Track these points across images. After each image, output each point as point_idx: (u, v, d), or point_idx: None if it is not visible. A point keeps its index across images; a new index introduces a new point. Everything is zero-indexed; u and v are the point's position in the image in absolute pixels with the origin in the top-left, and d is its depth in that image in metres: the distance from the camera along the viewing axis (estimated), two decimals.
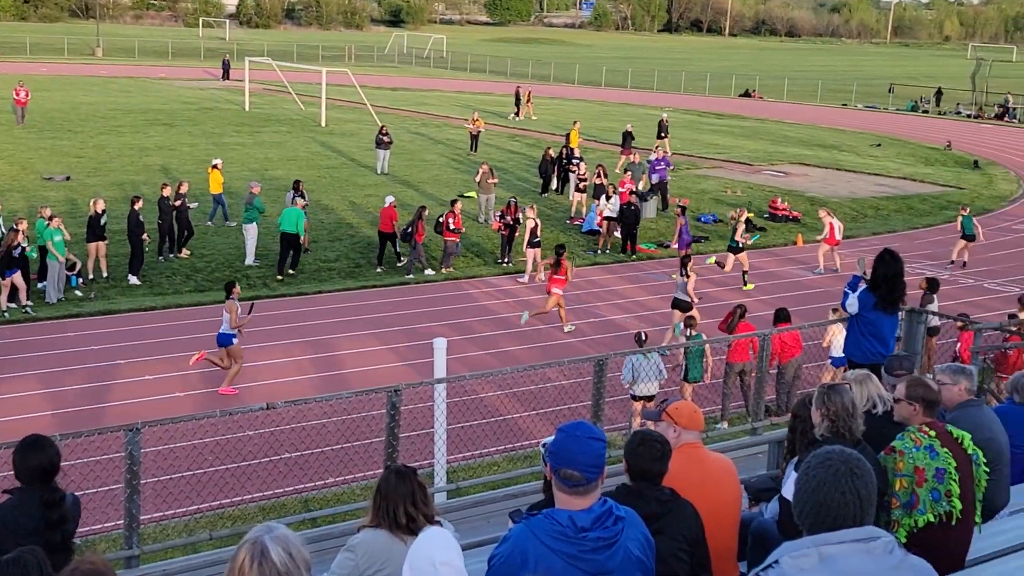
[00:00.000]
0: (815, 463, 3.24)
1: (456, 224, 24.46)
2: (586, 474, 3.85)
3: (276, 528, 3.21)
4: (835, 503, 3.16)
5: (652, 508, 4.59)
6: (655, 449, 4.68)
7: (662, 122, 43.17)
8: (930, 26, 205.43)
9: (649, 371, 14.63)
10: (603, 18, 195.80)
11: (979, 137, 54.34)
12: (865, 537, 3.15)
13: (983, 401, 7.12)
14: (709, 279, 24.00)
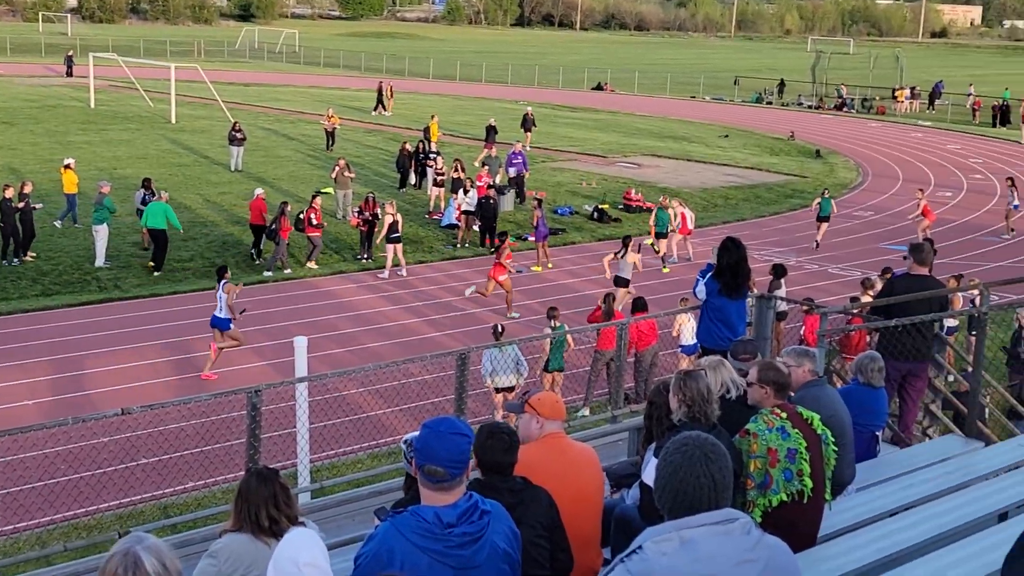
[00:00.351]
0: (672, 449, 3.31)
1: (318, 219, 24.27)
2: (450, 470, 3.86)
3: (147, 538, 3.13)
4: (692, 487, 3.23)
5: (505, 499, 4.61)
6: (503, 441, 4.71)
7: (527, 116, 43.47)
8: (772, 20, 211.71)
9: (506, 363, 14.77)
10: (456, 12, 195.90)
11: (820, 127, 56.35)
12: (723, 519, 3.23)
13: (825, 381, 7.43)
14: None
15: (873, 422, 7.99)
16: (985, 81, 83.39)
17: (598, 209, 31.15)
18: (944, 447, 8.69)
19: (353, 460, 14.18)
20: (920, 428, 10.62)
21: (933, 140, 52.74)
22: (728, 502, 3.28)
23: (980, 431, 9.42)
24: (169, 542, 7.87)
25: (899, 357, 9.52)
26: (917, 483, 7.19)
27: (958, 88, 73.98)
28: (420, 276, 24.39)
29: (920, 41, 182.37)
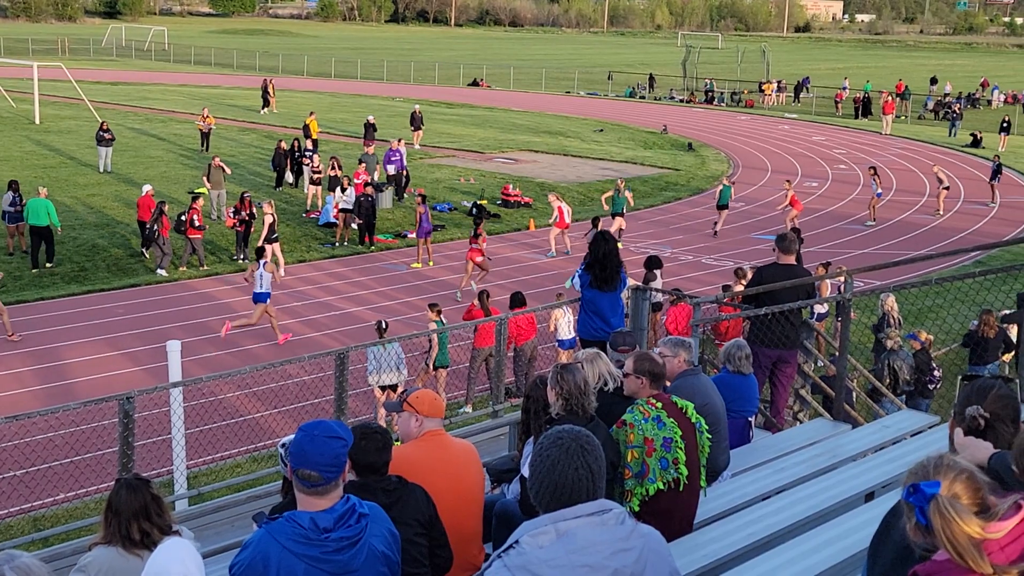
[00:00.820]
0: (548, 443, 3.34)
1: (200, 221, 23.86)
2: (324, 474, 3.81)
3: (17, 556, 3.02)
4: (569, 480, 3.26)
5: (381, 499, 4.59)
6: (376, 441, 4.69)
7: (415, 114, 43.19)
8: (643, 15, 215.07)
9: (391, 361, 14.71)
10: (330, 8, 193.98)
11: (692, 121, 57.46)
12: (598, 510, 3.27)
13: (700, 370, 7.58)
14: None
15: (745, 408, 8.19)
16: (847, 74, 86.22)
17: (477, 205, 31.19)
18: (813, 431, 8.96)
19: (232, 464, 13.94)
20: (791, 413, 10.94)
21: (799, 132, 54.25)
22: (603, 493, 3.33)
23: (847, 414, 9.74)
24: (40, 556, 7.62)
25: (769, 345, 9.79)
26: (788, 467, 7.40)
27: (822, 81, 76.25)
28: (298, 276, 24.08)
29: (785, 35, 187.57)
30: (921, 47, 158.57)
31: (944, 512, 2.59)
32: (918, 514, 2.66)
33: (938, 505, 2.60)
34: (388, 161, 32.53)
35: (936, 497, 2.62)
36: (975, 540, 2.56)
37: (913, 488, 2.68)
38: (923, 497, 2.65)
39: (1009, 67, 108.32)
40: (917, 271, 22.29)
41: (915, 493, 2.67)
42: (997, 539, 2.58)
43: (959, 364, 16.63)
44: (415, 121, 43.01)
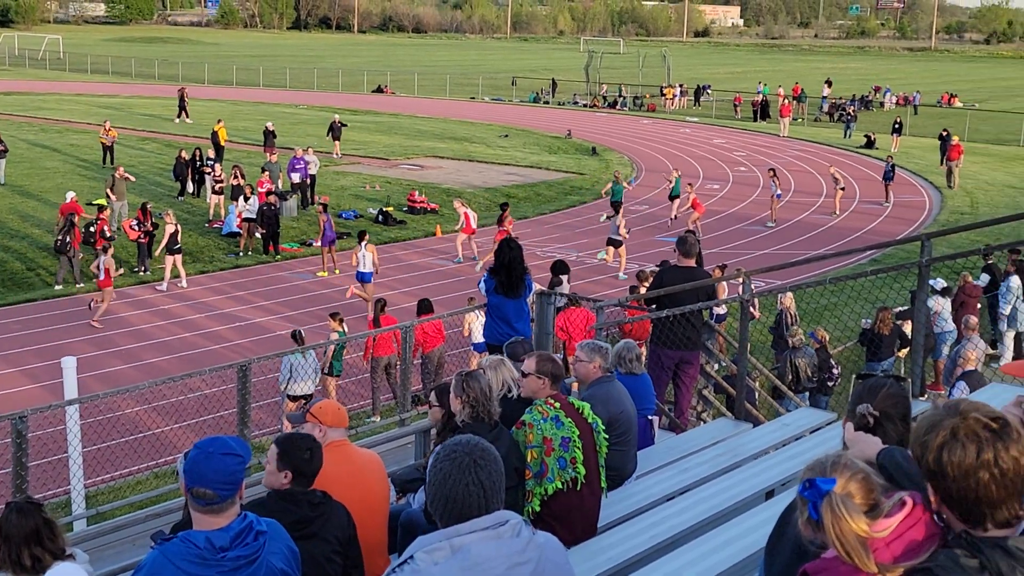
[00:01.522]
0: (442, 455, 3.32)
1: (110, 232, 23.42)
2: (219, 492, 3.75)
3: None
4: (461, 495, 3.24)
5: (305, 512, 4.56)
6: (319, 447, 4.67)
7: (334, 124, 42.68)
8: (545, 21, 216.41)
9: (307, 370, 14.59)
10: (230, 16, 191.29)
11: (595, 125, 57.94)
12: (493, 524, 3.25)
13: (614, 376, 7.61)
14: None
15: (644, 407, 8.26)
16: (745, 78, 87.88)
17: (383, 212, 31.06)
18: (716, 430, 9.09)
19: (134, 482, 13.64)
20: (695, 413, 11.08)
21: (700, 135, 55.09)
22: (499, 505, 3.31)
23: (749, 413, 9.91)
24: None
25: (672, 346, 9.92)
26: (691, 467, 7.49)
27: (722, 85, 77.55)
28: (201, 287, 23.70)
29: (685, 40, 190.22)
30: (816, 51, 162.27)
31: (835, 509, 2.62)
32: (811, 509, 2.70)
33: (830, 501, 2.64)
34: (292, 169, 32.20)
35: (830, 494, 2.66)
36: (862, 539, 2.60)
37: (809, 483, 2.71)
38: (817, 493, 2.68)
39: (900, 70, 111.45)
40: (815, 271, 22.78)
41: (810, 488, 2.71)
42: (883, 537, 2.62)
43: (857, 361, 17.04)
44: (334, 131, 42.47)
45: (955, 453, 2.55)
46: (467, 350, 17.31)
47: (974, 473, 2.54)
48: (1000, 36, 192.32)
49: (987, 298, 18.93)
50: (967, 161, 40.92)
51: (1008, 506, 2.57)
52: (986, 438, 2.55)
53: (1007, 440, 2.55)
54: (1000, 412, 2.62)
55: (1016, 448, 2.55)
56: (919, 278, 8.74)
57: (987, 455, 2.53)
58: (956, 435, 2.56)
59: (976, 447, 2.54)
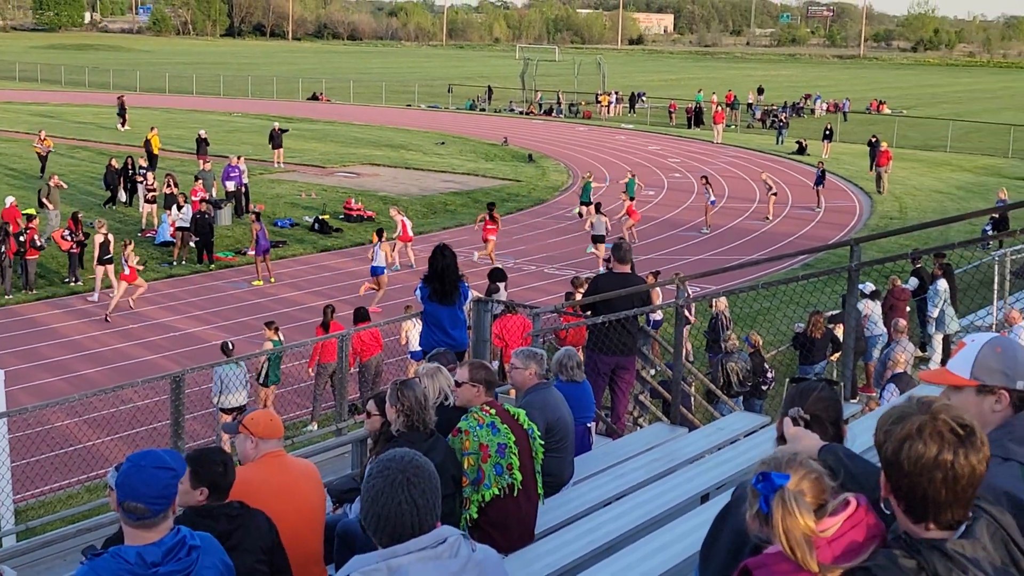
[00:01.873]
0: (375, 472, 3.27)
1: (40, 241, 23.01)
2: (152, 506, 3.70)
3: None
4: (394, 513, 3.20)
5: (223, 525, 4.51)
6: (229, 460, 4.63)
7: (274, 131, 42.23)
8: (481, 29, 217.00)
9: (238, 381, 14.44)
10: (163, 23, 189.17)
11: (531, 132, 58.12)
12: (431, 543, 3.23)
13: (552, 383, 7.64)
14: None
15: (583, 415, 8.32)
16: (679, 85, 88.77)
17: (319, 220, 30.88)
18: (652, 435, 9.17)
19: (66, 496, 13.41)
20: (631, 418, 11.16)
21: (635, 142, 55.50)
22: (435, 521, 3.27)
23: (684, 417, 10.00)
24: None
25: (608, 352, 9.98)
26: (628, 472, 7.55)
27: (657, 92, 78.24)
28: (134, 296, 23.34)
29: (620, 48, 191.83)
30: (748, 59, 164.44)
31: (786, 503, 2.64)
32: (762, 502, 2.71)
33: (782, 496, 2.65)
34: (227, 177, 31.89)
35: (783, 488, 2.67)
36: (808, 536, 2.62)
37: (763, 476, 2.73)
38: (771, 486, 2.70)
39: (830, 77, 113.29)
40: (749, 276, 23.06)
41: (764, 481, 2.72)
42: (826, 537, 2.65)
43: (790, 365, 17.28)
44: (274, 138, 42.01)
45: (915, 448, 2.57)
46: (405, 358, 17.26)
47: (929, 471, 2.56)
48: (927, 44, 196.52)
49: (916, 301, 19.30)
50: (896, 167, 41.72)
51: (953, 510, 2.60)
52: (950, 440, 2.57)
53: (969, 447, 2.57)
54: (969, 419, 2.64)
55: (976, 456, 2.57)
56: (849, 282, 8.89)
57: (946, 456, 2.56)
58: (922, 431, 2.59)
59: (938, 447, 2.56)
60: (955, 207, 35.64)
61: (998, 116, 66.82)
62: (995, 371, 3.17)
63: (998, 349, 3.19)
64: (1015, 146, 51.65)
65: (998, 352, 3.17)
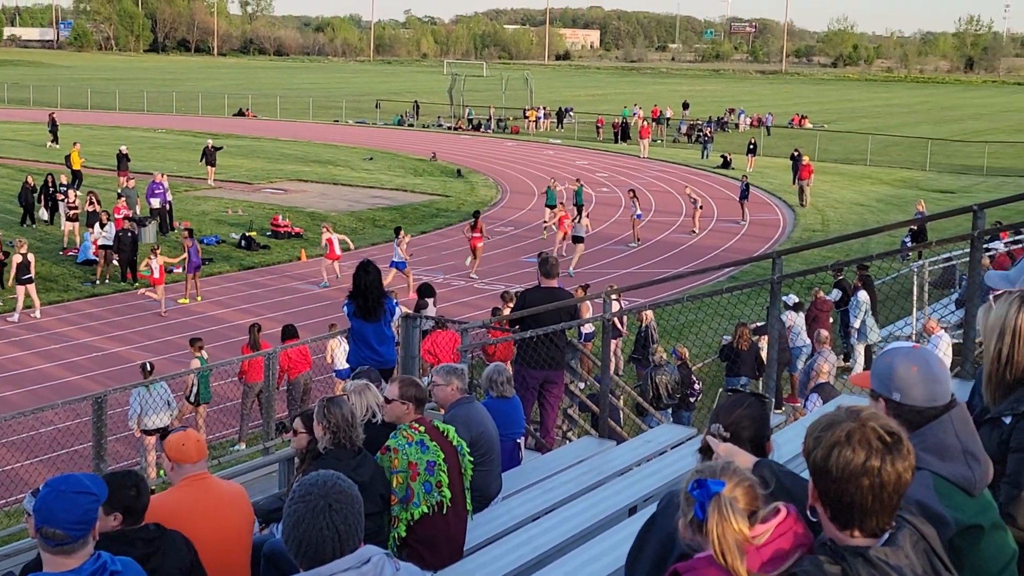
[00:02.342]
0: (297, 496, 3.25)
1: None
2: (71, 532, 3.63)
3: None
4: (314, 539, 3.18)
5: (141, 550, 4.44)
6: (143, 484, 4.56)
7: (207, 148, 41.60)
8: (408, 44, 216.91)
9: (156, 402, 14.20)
10: (84, 38, 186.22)
11: (460, 147, 58.15)
12: (355, 563, 3.21)
13: (474, 398, 7.65)
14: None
15: (513, 431, 8.34)
16: (606, 100, 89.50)
17: (246, 237, 30.57)
18: (581, 449, 9.20)
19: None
20: (560, 432, 11.21)
21: (563, 156, 55.80)
22: (357, 544, 3.25)
23: (613, 431, 10.06)
24: None
25: (536, 366, 10.02)
26: (556, 486, 7.57)
27: (584, 107, 78.83)
28: (55, 317, 22.92)
29: (547, 64, 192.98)
30: (673, 74, 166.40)
31: (722, 509, 2.69)
32: (697, 508, 2.75)
33: (718, 502, 2.70)
34: (151, 194, 31.44)
35: (718, 495, 2.72)
36: (740, 543, 2.67)
37: (698, 483, 2.77)
38: (706, 492, 2.74)
39: (754, 92, 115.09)
40: (676, 288, 23.29)
41: (699, 488, 2.76)
42: (757, 543, 2.70)
43: (718, 375, 17.48)
44: (208, 155, 41.37)
45: (844, 454, 2.63)
46: (332, 376, 17.13)
47: (856, 478, 2.61)
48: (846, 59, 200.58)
49: (839, 312, 19.66)
50: (817, 180, 42.47)
51: (879, 517, 2.65)
52: (877, 447, 2.62)
53: (896, 454, 2.63)
54: (897, 427, 2.69)
55: (902, 464, 2.63)
56: (771, 294, 9.03)
57: (873, 463, 2.61)
58: (850, 438, 2.64)
59: (865, 453, 2.61)
60: (875, 219, 36.38)
61: (915, 130, 68.40)
62: (880, 378, 3.27)
63: (887, 360, 3.28)
64: (932, 159, 52.91)
65: (887, 362, 3.27)
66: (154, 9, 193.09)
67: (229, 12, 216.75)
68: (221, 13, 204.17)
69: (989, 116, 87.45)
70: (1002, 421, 3.58)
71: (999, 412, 3.60)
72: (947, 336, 14.37)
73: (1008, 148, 58.06)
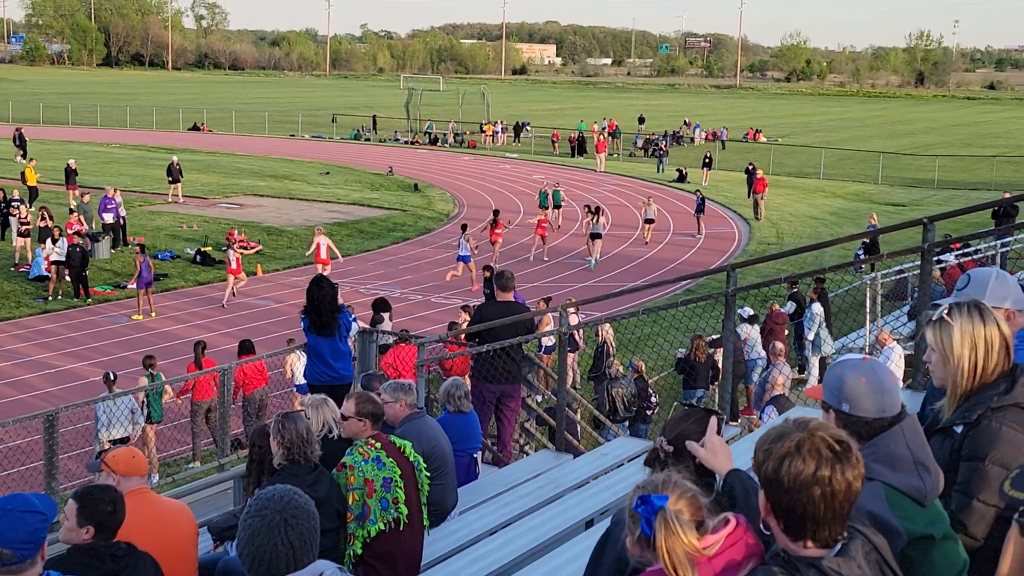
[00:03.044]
0: (252, 510, 3.26)
1: None
2: (19, 552, 3.60)
3: None
4: (269, 554, 3.19)
5: (109, 566, 4.41)
6: (119, 499, 4.52)
7: (172, 165, 41.16)
8: (365, 58, 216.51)
9: (121, 413, 14.12)
10: (36, 52, 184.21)
11: (417, 161, 58.12)
12: None
13: (424, 412, 7.64)
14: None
15: (470, 446, 8.34)
16: (563, 114, 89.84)
17: (201, 252, 30.34)
18: (538, 463, 9.21)
19: None
20: (518, 446, 11.21)
21: (520, 171, 55.92)
22: (312, 559, 3.26)
23: (570, 444, 10.08)
24: None
25: (492, 380, 10.02)
26: (513, 500, 7.58)
27: (540, 121, 79.09)
28: (7, 334, 22.60)
29: (503, 78, 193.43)
30: (629, 88, 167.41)
31: (669, 523, 2.70)
32: (643, 525, 2.76)
33: (664, 516, 2.71)
34: (104, 209, 31.12)
35: (663, 509, 2.73)
36: (690, 554, 2.68)
37: (642, 500, 2.78)
38: (651, 508, 2.75)
39: (708, 107, 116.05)
40: (632, 302, 23.40)
41: (644, 504, 2.77)
42: (707, 555, 2.71)
43: (675, 388, 17.57)
44: (173, 172, 40.96)
45: (795, 465, 2.65)
46: (290, 391, 17.03)
47: (807, 487, 2.64)
48: (799, 74, 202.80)
49: (793, 325, 19.84)
50: (772, 193, 42.87)
51: (831, 527, 2.68)
52: (827, 456, 2.65)
53: (845, 463, 2.66)
54: (846, 436, 2.72)
55: (852, 472, 2.66)
56: (726, 307, 9.10)
57: (824, 472, 2.63)
58: (800, 448, 2.66)
59: (816, 462, 2.64)
60: (829, 232, 36.77)
61: (868, 144, 69.26)
62: (830, 389, 3.33)
63: (837, 371, 3.34)
64: (884, 172, 53.59)
65: (837, 373, 3.33)
66: (107, 23, 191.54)
67: (184, 26, 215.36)
68: (176, 27, 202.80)
69: (939, 130, 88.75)
70: (953, 431, 3.63)
71: (950, 422, 3.65)
72: (899, 348, 14.54)
73: (958, 161, 58.95)
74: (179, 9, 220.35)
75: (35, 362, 20.83)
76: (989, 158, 57.54)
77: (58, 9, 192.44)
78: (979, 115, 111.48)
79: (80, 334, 22.92)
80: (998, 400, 3.54)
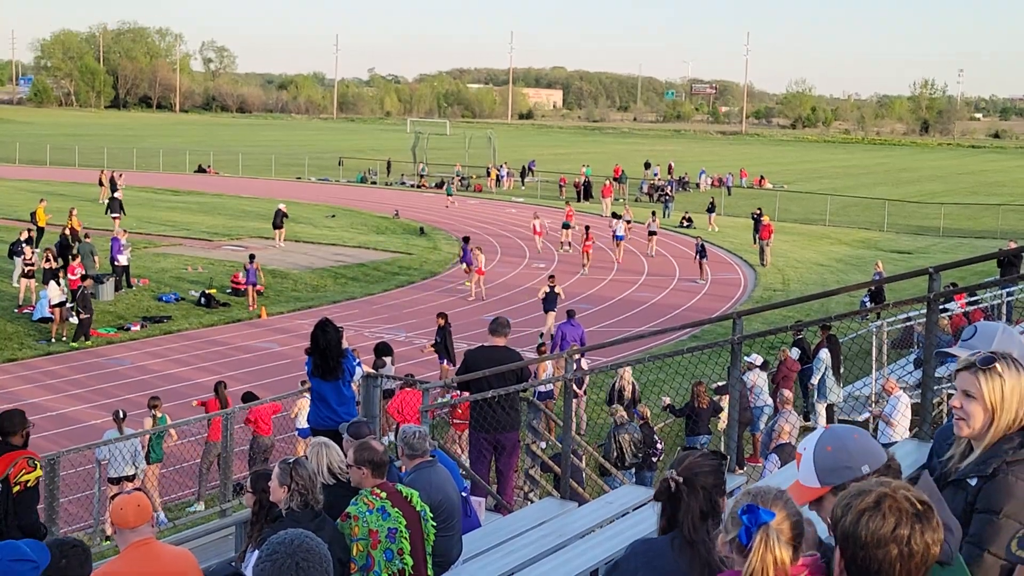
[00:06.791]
0: (265, 555, 3.24)
1: None
2: None
3: None
4: None
5: None
6: (79, 555, 4.46)
7: (278, 211, 41.48)
8: (372, 102, 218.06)
9: (125, 452, 14.12)
10: (44, 94, 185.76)
11: (423, 205, 58.27)
12: None
13: (436, 461, 7.54)
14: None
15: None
16: (569, 159, 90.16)
17: (205, 294, 30.35)
18: (542, 510, 9.12)
19: None
20: (522, 493, 11.11)
21: (526, 215, 55.91)
22: None
23: (575, 491, 9.99)
24: None
25: (485, 429, 9.89)
26: (517, 548, 7.49)
27: (546, 165, 79.38)
28: (10, 375, 22.57)
29: (510, 122, 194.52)
30: (635, 134, 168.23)
31: (770, 539, 2.80)
32: (742, 533, 2.85)
33: (766, 531, 2.81)
34: (118, 251, 31.04)
35: (767, 524, 2.82)
36: (779, 571, 2.77)
37: (750, 508, 2.86)
38: (756, 520, 2.84)
39: (714, 152, 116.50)
40: (637, 348, 23.34)
41: (750, 513, 2.86)
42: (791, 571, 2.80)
43: (679, 434, 17.46)
44: (278, 218, 41.46)
45: (874, 520, 2.61)
46: (292, 435, 16.94)
47: (884, 544, 2.60)
48: (805, 121, 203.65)
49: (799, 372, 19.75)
50: (778, 240, 42.90)
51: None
52: (908, 515, 2.61)
53: (925, 524, 2.62)
54: (927, 497, 2.68)
55: (931, 535, 2.62)
56: (732, 355, 9.05)
57: (903, 531, 2.60)
58: (880, 504, 2.63)
59: (895, 520, 2.60)
60: (835, 279, 36.74)
61: (873, 191, 69.41)
62: (838, 469, 3.22)
63: (828, 448, 3.25)
64: (890, 220, 53.64)
65: (829, 451, 3.24)
66: (116, 66, 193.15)
67: (192, 69, 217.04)
68: (184, 70, 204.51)
69: (944, 178, 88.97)
70: (967, 483, 3.58)
71: (964, 474, 3.60)
72: (905, 396, 14.46)
73: (963, 209, 59.04)
74: (188, 52, 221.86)
75: (37, 405, 20.75)
76: (994, 206, 57.61)
77: (67, 51, 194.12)
78: (984, 163, 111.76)
79: (83, 376, 22.88)
80: (1013, 454, 3.50)
